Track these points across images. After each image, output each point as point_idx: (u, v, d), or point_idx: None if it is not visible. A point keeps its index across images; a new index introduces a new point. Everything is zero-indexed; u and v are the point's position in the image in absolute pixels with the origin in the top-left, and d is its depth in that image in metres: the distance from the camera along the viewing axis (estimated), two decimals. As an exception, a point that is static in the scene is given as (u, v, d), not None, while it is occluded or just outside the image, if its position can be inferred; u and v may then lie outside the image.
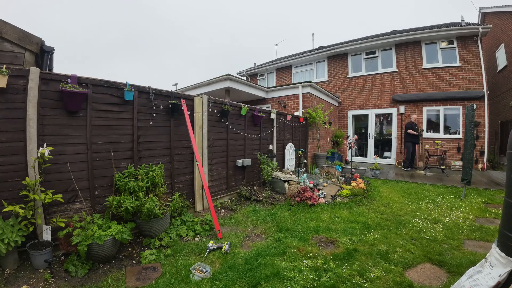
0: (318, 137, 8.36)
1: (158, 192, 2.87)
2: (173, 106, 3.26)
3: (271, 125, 5.78)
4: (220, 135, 4.22)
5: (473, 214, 3.73)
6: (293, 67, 12.57)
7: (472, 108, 4.59)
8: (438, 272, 2.21)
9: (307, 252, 2.51)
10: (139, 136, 2.99)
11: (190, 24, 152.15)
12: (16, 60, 3.14)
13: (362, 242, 2.76)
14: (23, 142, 2.15)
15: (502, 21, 9.94)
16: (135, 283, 1.98)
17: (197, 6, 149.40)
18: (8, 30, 3.01)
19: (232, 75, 7.24)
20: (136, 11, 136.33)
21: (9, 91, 2.09)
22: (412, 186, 5.76)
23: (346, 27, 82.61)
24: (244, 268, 2.17)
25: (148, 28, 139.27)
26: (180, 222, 3.04)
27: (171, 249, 2.52)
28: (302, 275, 2.09)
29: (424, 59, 9.32)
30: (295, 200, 4.16)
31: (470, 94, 8.37)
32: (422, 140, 8.86)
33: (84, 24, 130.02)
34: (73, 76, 2.41)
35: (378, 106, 10.21)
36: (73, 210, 2.44)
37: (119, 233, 2.23)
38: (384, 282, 2.02)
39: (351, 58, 10.90)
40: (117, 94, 2.76)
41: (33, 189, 2.07)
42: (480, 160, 8.32)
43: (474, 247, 2.69)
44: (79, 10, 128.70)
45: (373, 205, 4.23)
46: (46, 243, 2.14)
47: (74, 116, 2.45)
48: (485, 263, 1.61)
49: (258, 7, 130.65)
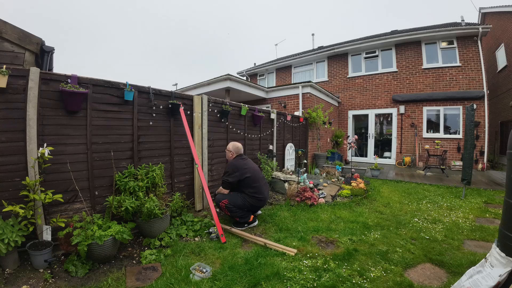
0: (318, 137, 8.36)
1: (158, 192, 2.87)
2: (173, 106, 3.26)
3: (271, 125, 5.78)
4: (220, 135, 4.22)
5: (473, 214, 3.74)
6: (293, 67, 12.57)
7: (472, 108, 4.59)
8: (438, 272, 2.21)
9: (307, 252, 2.51)
10: (139, 136, 2.99)
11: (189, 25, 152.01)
12: (16, 60, 3.14)
13: (362, 242, 2.76)
14: (23, 142, 2.15)
15: (502, 21, 9.94)
16: (135, 283, 1.98)
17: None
18: (8, 30, 3.01)
19: (232, 75, 7.25)
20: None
21: (9, 91, 2.09)
22: (412, 186, 5.77)
23: (346, 27, 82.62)
24: (244, 268, 2.17)
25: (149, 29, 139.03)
26: (180, 222, 3.04)
27: (171, 249, 2.52)
28: (302, 275, 2.09)
29: (424, 59, 9.32)
30: (295, 200, 4.16)
31: (470, 94, 8.37)
32: (422, 140, 8.88)
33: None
34: (73, 76, 2.41)
35: (378, 106, 10.21)
36: (73, 210, 2.44)
37: (119, 233, 2.23)
38: (384, 282, 2.02)
39: (351, 58, 10.90)
40: (117, 94, 2.76)
41: (33, 189, 2.06)
42: (480, 160, 8.32)
43: (474, 247, 2.69)
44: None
45: (373, 205, 4.23)
46: (46, 243, 2.14)
47: (74, 116, 2.45)
48: (485, 263, 1.61)
49: (259, 7, 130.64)
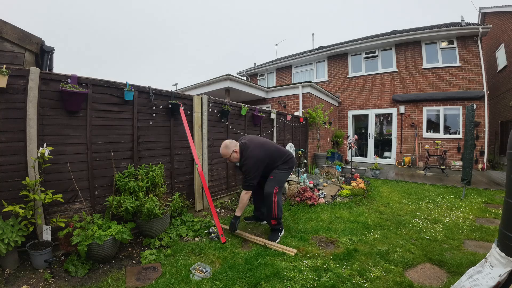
0: (318, 137, 8.36)
1: (158, 192, 2.87)
2: (173, 106, 3.26)
3: (271, 125, 5.78)
4: (220, 135, 4.22)
5: (473, 214, 3.73)
6: (293, 67, 12.57)
7: (472, 108, 4.59)
8: (438, 272, 2.21)
9: (307, 252, 2.51)
10: (139, 136, 2.99)
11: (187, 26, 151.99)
12: (16, 60, 3.14)
13: (362, 242, 2.76)
14: (23, 142, 2.15)
15: (502, 21, 9.94)
16: (135, 283, 1.98)
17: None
18: (8, 30, 3.01)
19: (232, 75, 7.25)
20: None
21: (9, 91, 2.09)
22: (412, 186, 5.76)
23: (346, 27, 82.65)
24: (244, 268, 2.17)
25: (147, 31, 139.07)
26: (180, 222, 3.04)
27: (171, 249, 2.52)
28: (302, 275, 2.09)
29: (424, 59, 9.32)
30: (295, 200, 4.16)
31: (470, 94, 8.37)
32: (422, 140, 8.87)
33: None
34: (73, 76, 2.41)
35: (378, 106, 10.22)
36: (73, 210, 2.44)
37: (119, 233, 2.23)
38: (384, 282, 2.02)
39: (351, 58, 10.90)
40: (117, 94, 2.76)
41: (33, 189, 2.06)
42: (480, 160, 8.32)
43: (474, 247, 2.69)
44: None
45: (373, 205, 4.23)
46: (46, 243, 2.14)
47: (74, 116, 2.45)
48: (485, 263, 1.61)
49: (258, 7, 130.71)
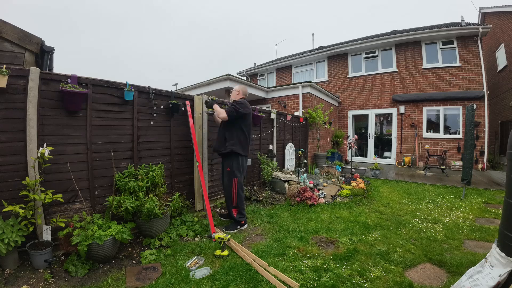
0: (318, 137, 8.36)
1: (158, 192, 2.87)
2: (173, 106, 3.26)
3: (271, 125, 5.78)
4: (220, 135, 4.21)
5: (473, 214, 3.74)
6: (293, 67, 12.57)
7: (472, 108, 4.59)
8: (438, 272, 2.21)
9: (307, 252, 2.51)
10: (139, 136, 2.99)
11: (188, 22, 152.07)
12: (16, 60, 3.14)
13: (362, 242, 2.76)
14: (23, 142, 2.15)
15: (502, 21, 9.95)
16: (135, 283, 1.98)
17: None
18: (8, 30, 3.01)
19: (232, 75, 7.25)
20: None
21: (9, 91, 2.09)
22: (412, 186, 5.77)
23: (346, 27, 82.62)
24: (244, 268, 2.17)
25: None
26: (180, 222, 3.04)
27: (171, 249, 2.52)
28: (302, 275, 2.09)
29: (424, 59, 9.32)
30: (295, 200, 4.16)
31: (470, 94, 8.37)
32: (422, 140, 8.87)
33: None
34: (73, 76, 2.41)
35: (378, 106, 10.22)
36: (73, 210, 2.44)
37: (119, 233, 2.23)
38: (384, 282, 2.02)
39: (351, 58, 10.90)
40: (117, 94, 2.76)
41: (33, 189, 2.06)
42: (480, 160, 8.32)
43: (474, 247, 2.69)
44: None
45: (373, 205, 4.23)
46: (46, 243, 2.14)
47: (74, 116, 2.45)
48: (485, 263, 1.61)
49: (258, 7, 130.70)
